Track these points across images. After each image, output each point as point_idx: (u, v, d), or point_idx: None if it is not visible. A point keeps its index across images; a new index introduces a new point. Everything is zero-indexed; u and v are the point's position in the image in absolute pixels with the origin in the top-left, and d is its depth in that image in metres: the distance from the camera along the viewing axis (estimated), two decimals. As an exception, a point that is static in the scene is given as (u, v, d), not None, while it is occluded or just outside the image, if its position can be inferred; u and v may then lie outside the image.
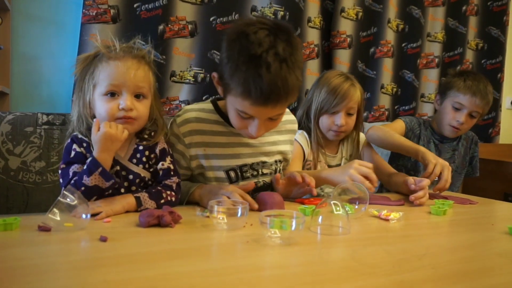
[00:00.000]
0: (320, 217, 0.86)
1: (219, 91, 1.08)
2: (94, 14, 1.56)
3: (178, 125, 1.14)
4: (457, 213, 1.11)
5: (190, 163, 1.15)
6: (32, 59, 1.63)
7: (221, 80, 1.03)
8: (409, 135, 1.71)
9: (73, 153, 0.97)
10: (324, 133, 1.49)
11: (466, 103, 1.60)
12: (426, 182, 1.21)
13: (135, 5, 1.63)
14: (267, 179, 1.22)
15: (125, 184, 1.01)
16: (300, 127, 1.54)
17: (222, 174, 1.15)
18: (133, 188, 1.02)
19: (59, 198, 0.80)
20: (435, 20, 2.47)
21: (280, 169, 1.26)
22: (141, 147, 1.03)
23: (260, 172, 1.19)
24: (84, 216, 0.81)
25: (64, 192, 0.81)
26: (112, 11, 1.59)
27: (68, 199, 0.80)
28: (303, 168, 1.47)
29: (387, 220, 0.97)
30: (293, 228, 0.75)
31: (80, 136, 0.99)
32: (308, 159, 1.48)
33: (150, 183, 1.05)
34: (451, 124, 1.64)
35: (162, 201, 1.00)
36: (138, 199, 0.97)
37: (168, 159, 1.07)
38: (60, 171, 0.97)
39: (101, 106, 0.96)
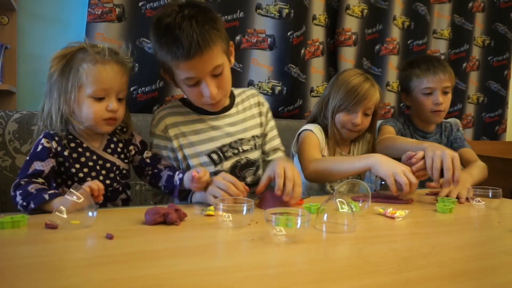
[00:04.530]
0: (326, 215, 0.86)
1: (171, 81, 1.17)
2: (99, 13, 1.57)
3: (155, 126, 1.20)
4: (463, 211, 1.11)
5: (177, 155, 1.20)
6: (38, 58, 1.64)
7: (163, 68, 1.13)
8: None
9: (40, 147, 1.00)
10: (339, 129, 1.48)
11: (433, 84, 1.59)
12: (420, 153, 1.19)
13: (140, 4, 1.64)
14: (250, 155, 1.25)
15: (103, 172, 1.06)
16: (316, 123, 1.53)
17: (205, 159, 1.19)
18: (111, 175, 1.07)
19: (65, 196, 0.81)
20: (441, 17, 2.45)
21: (259, 144, 1.29)
22: (115, 139, 1.10)
23: (240, 150, 1.23)
24: (90, 214, 0.81)
25: (71, 190, 0.81)
26: (117, 9, 1.60)
27: (74, 197, 0.81)
28: None
29: (392, 218, 0.97)
30: (298, 226, 0.75)
31: (52, 132, 1.02)
32: (322, 153, 1.47)
33: (125, 172, 1.11)
34: (432, 109, 1.60)
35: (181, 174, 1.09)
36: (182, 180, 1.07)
37: (149, 149, 1.17)
38: (24, 164, 0.99)
39: (89, 107, 1.01)
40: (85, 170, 1.03)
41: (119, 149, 1.10)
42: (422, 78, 1.60)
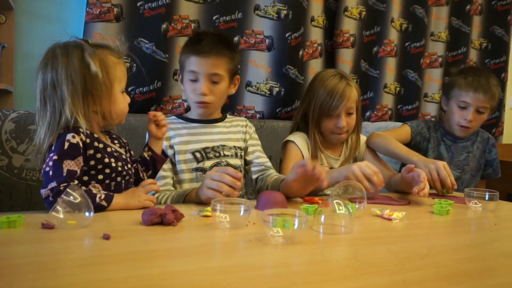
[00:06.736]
0: (323, 216, 0.86)
1: (181, 83, 1.39)
2: (97, 12, 1.57)
3: None
4: (460, 212, 1.11)
5: (168, 152, 1.34)
6: (35, 57, 1.60)
7: (180, 66, 1.37)
8: (417, 139, 1.71)
9: (66, 144, 0.93)
10: (327, 135, 1.49)
11: (470, 100, 1.59)
12: (423, 173, 1.20)
13: (138, 4, 1.64)
14: (230, 160, 1.37)
15: (124, 163, 1.06)
16: (298, 130, 1.53)
17: (189, 156, 1.35)
18: (129, 165, 1.09)
19: (62, 196, 0.81)
20: (439, 20, 2.46)
21: (241, 154, 1.42)
22: (114, 135, 1.12)
23: (222, 154, 1.37)
24: (87, 214, 0.81)
25: (68, 190, 0.81)
26: (115, 9, 1.59)
27: (71, 197, 0.80)
28: None
29: (389, 219, 0.97)
30: (295, 227, 0.75)
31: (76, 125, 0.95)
32: None
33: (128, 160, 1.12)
34: (460, 123, 1.63)
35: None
36: None
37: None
38: (51, 162, 0.92)
39: (122, 102, 1.06)
40: (112, 160, 1.01)
41: (122, 142, 1.13)
42: (462, 91, 1.61)
